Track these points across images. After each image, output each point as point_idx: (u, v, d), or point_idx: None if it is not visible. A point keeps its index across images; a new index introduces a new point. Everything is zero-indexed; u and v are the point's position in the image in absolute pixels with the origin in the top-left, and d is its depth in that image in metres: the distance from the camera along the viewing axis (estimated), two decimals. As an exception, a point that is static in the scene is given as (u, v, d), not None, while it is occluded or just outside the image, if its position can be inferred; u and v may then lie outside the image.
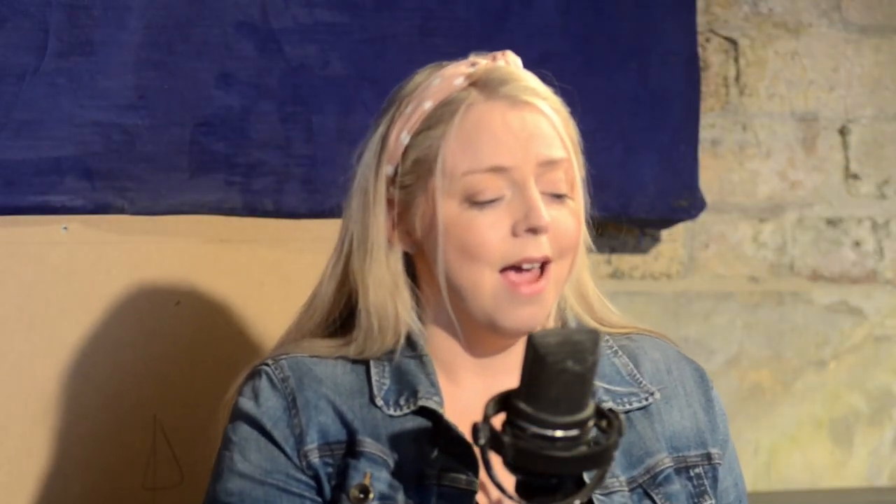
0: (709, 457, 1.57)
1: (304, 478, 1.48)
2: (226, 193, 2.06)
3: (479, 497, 1.48)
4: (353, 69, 2.13)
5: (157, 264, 2.01)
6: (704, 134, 2.48)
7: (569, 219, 1.51)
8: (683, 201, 2.40)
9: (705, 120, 2.48)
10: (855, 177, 2.57)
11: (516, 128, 1.49)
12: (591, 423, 1.31)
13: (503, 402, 1.32)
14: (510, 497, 1.33)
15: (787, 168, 2.56)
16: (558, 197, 1.50)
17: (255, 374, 1.54)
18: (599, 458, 1.32)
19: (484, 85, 1.51)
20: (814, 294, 2.57)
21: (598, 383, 1.53)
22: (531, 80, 1.54)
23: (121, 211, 2.00)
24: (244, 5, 2.08)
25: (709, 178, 2.49)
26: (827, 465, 2.57)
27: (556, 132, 1.51)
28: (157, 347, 2.00)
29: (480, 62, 1.54)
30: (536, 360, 1.28)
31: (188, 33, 2.04)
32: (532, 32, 2.26)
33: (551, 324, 1.58)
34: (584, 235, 1.55)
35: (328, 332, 1.57)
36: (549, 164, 1.50)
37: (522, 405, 1.30)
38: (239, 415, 1.53)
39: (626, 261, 2.50)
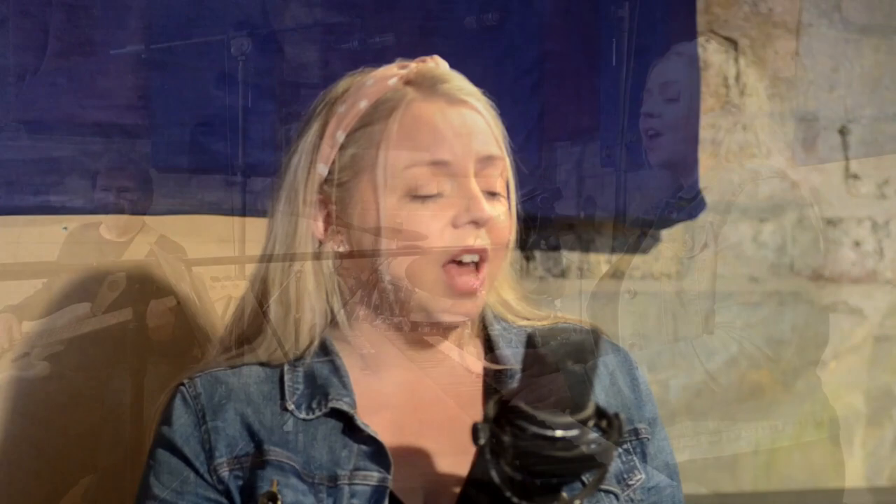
0: (636, 432, 1.59)
1: (214, 496, 1.49)
2: (226, 193, 2.06)
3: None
4: (353, 69, 2.13)
5: (156, 264, 2.01)
6: (704, 134, 2.48)
7: (504, 217, 1.53)
8: (683, 201, 2.40)
9: (705, 120, 2.48)
10: (855, 177, 2.57)
11: (456, 124, 1.51)
12: (591, 423, 1.31)
13: (503, 402, 1.32)
14: (509, 498, 1.33)
15: (786, 168, 2.55)
16: (493, 195, 1.52)
17: (172, 395, 1.55)
18: (599, 458, 1.32)
19: (420, 84, 1.53)
20: (814, 294, 2.56)
21: None
22: (464, 80, 1.56)
23: (121, 211, 2.00)
24: (244, 5, 2.08)
25: (709, 178, 2.49)
26: (827, 465, 2.56)
27: (491, 131, 1.53)
28: (157, 347, 2.00)
29: (410, 64, 1.56)
30: (536, 360, 1.28)
31: (188, 33, 2.04)
32: (532, 32, 2.26)
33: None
34: (514, 234, 1.56)
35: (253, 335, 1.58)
36: (488, 160, 1.52)
37: (522, 405, 1.29)
38: (156, 437, 1.54)
39: (626, 261, 2.49)
